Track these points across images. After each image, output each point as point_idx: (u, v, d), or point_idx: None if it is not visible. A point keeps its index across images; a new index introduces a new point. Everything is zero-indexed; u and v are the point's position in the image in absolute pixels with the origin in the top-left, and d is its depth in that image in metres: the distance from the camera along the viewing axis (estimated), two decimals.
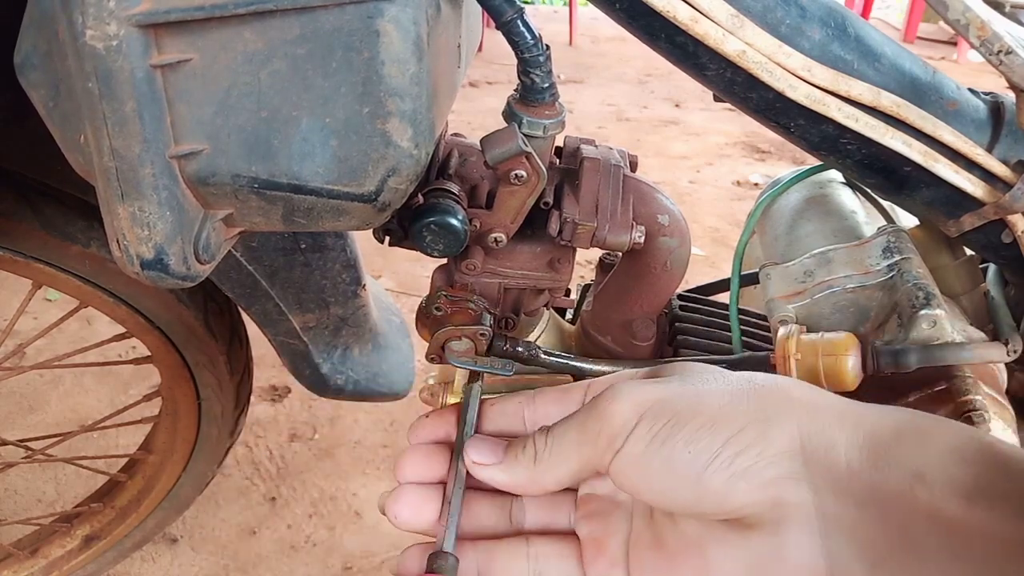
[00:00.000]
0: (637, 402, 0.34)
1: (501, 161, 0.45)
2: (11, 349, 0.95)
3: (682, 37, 0.46)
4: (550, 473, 0.36)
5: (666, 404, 0.34)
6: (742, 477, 0.31)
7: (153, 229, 0.36)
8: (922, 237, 0.61)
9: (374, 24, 0.34)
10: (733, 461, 0.31)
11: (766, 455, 0.31)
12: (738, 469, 0.31)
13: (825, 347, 0.49)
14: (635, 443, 0.33)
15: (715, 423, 0.32)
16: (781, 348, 0.51)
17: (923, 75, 0.51)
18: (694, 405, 0.33)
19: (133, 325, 0.79)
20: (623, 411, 0.34)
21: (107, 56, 0.32)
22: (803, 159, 2.69)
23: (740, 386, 0.34)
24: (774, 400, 0.33)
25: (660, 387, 0.35)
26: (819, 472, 0.31)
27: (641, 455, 0.33)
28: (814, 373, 0.49)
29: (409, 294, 1.84)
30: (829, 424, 0.32)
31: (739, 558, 0.32)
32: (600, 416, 0.34)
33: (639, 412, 0.34)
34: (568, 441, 0.36)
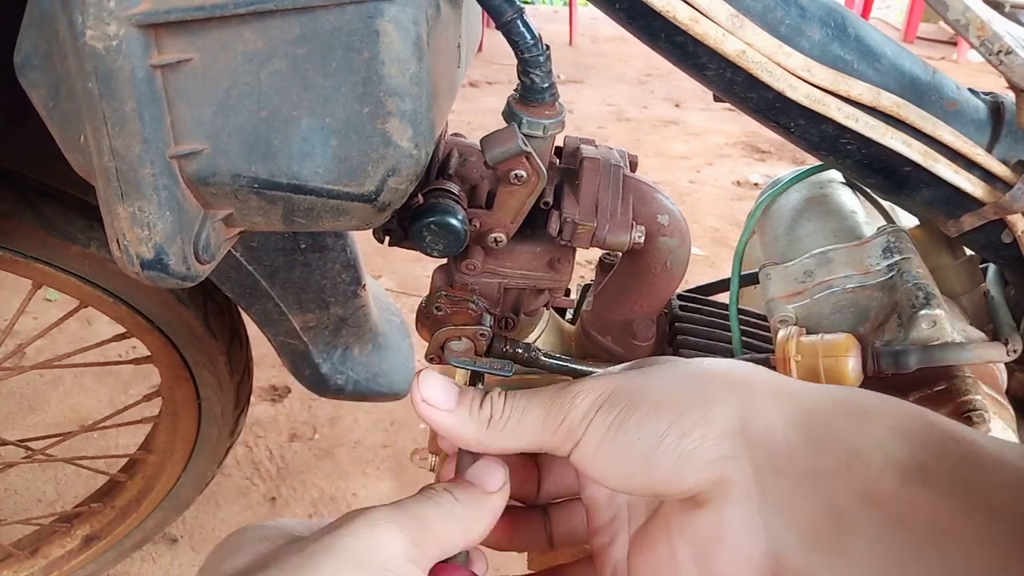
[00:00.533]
0: (596, 394, 0.35)
1: (501, 161, 0.45)
2: (11, 349, 0.95)
3: (682, 37, 0.46)
4: (499, 442, 0.37)
5: (619, 393, 0.35)
6: (688, 459, 0.32)
7: (153, 229, 0.36)
8: (922, 237, 0.61)
9: (374, 24, 0.34)
10: (679, 443, 0.32)
11: (709, 436, 0.32)
12: (684, 451, 0.32)
13: (825, 349, 0.49)
14: (592, 432, 0.34)
15: (659, 408, 0.33)
16: (781, 350, 0.51)
17: (923, 75, 0.51)
18: (642, 392, 0.34)
19: (133, 325, 0.79)
20: (583, 403, 0.35)
21: (107, 56, 0.32)
22: (803, 159, 2.69)
23: (687, 371, 0.35)
24: (716, 383, 0.34)
25: (617, 378, 0.36)
26: (759, 451, 0.32)
27: (598, 444, 0.34)
28: (814, 374, 0.49)
29: (409, 294, 1.84)
30: (768, 404, 0.33)
31: (688, 537, 0.33)
32: (562, 407, 0.35)
33: (598, 403, 0.34)
34: (529, 422, 0.36)
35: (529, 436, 0.36)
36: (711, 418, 0.33)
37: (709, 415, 0.33)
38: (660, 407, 0.33)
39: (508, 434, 0.36)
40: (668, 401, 0.33)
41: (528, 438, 0.36)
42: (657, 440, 0.33)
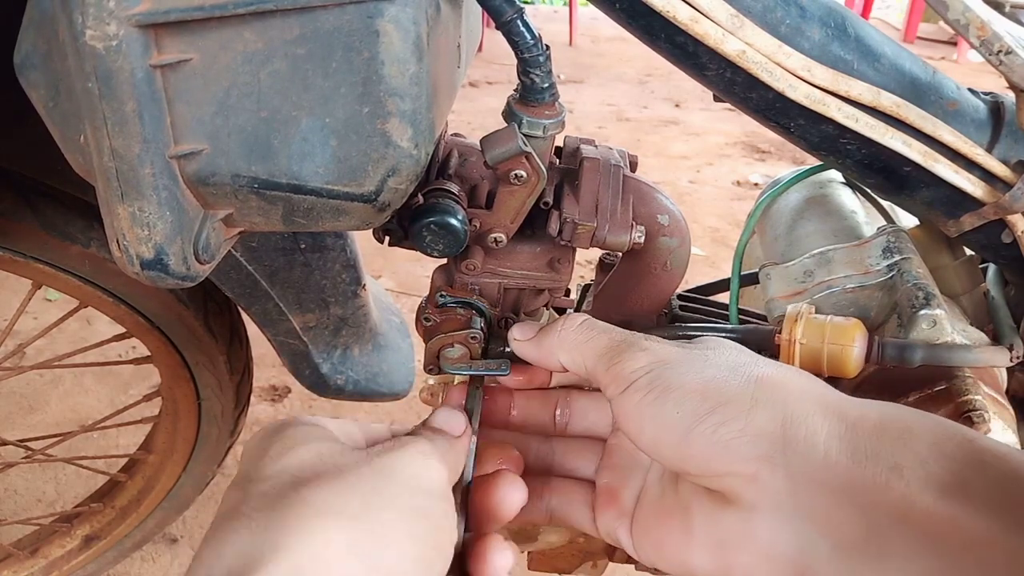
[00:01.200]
0: (653, 357, 0.37)
1: (501, 161, 0.45)
2: (11, 349, 0.95)
3: (682, 37, 0.46)
4: (559, 356, 0.41)
5: (669, 365, 0.36)
6: (723, 447, 0.33)
7: (153, 229, 0.36)
8: (922, 237, 0.61)
9: (374, 24, 0.34)
10: (716, 430, 0.33)
11: (748, 432, 0.32)
12: (720, 439, 0.33)
13: (832, 334, 0.49)
14: (634, 391, 0.36)
15: (705, 392, 0.34)
16: (788, 330, 0.50)
17: (923, 75, 0.51)
18: (693, 371, 0.35)
19: (133, 325, 0.79)
20: (637, 361, 0.37)
21: (107, 56, 0.32)
22: (803, 159, 2.69)
23: (739, 364, 0.36)
24: (766, 383, 0.34)
25: (673, 350, 0.37)
26: (797, 459, 0.32)
27: (637, 404, 0.35)
28: (816, 358, 0.49)
29: (409, 294, 1.84)
30: (813, 413, 0.33)
31: (713, 530, 0.34)
32: (620, 355, 0.37)
33: (651, 366, 0.36)
34: (590, 351, 0.39)
35: (586, 364, 0.39)
36: (753, 416, 0.33)
37: (752, 412, 0.33)
38: (705, 392, 0.34)
39: (571, 355, 0.40)
40: (714, 388, 0.34)
41: (584, 364, 0.39)
42: (694, 421, 0.33)
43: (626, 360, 0.37)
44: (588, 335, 0.40)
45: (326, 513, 0.31)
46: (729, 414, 0.33)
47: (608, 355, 0.38)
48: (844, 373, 0.48)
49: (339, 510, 0.31)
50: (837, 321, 0.50)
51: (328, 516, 0.30)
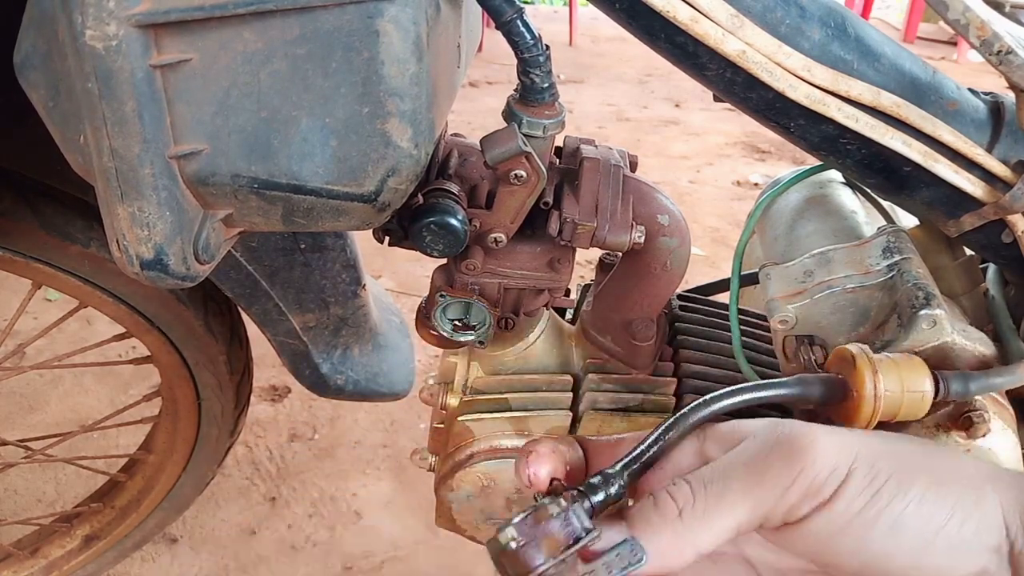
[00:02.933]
0: (842, 447, 0.30)
1: (501, 161, 0.45)
2: (11, 349, 0.95)
3: (682, 37, 0.46)
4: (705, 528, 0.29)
5: (880, 458, 0.30)
6: (966, 547, 0.29)
7: (153, 229, 0.36)
8: (922, 237, 0.61)
9: (374, 24, 0.34)
10: (960, 528, 0.29)
11: (983, 525, 0.29)
12: (963, 537, 0.29)
13: (908, 380, 0.44)
14: (851, 498, 0.29)
15: (942, 484, 0.29)
16: (871, 383, 0.43)
17: (923, 75, 0.51)
18: (916, 461, 0.30)
19: (133, 325, 0.79)
20: (829, 453, 0.29)
21: (107, 56, 0.32)
22: (803, 159, 2.69)
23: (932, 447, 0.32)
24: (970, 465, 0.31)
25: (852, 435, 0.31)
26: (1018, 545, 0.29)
27: (859, 515, 0.29)
28: (894, 407, 0.44)
29: (409, 294, 1.84)
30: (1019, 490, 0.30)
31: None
32: (795, 455, 0.29)
33: (850, 459, 0.29)
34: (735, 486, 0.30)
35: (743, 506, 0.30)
36: (982, 503, 0.30)
37: (980, 500, 0.30)
38: (942, 484, 0.29)
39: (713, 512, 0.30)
40: (947, 478, 0.30)
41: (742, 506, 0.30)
42: (942, 521, 0.29)
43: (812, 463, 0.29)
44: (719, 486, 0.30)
45: None
46: (968, 508, 0.29)
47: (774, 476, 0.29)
48: (916, 417, 0.45)
49: None
50: (902, 362, 0.45)
51: None
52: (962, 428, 0.49)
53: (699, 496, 0.30)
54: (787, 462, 0.30)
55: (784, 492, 0.29)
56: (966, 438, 0.49)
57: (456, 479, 0.59)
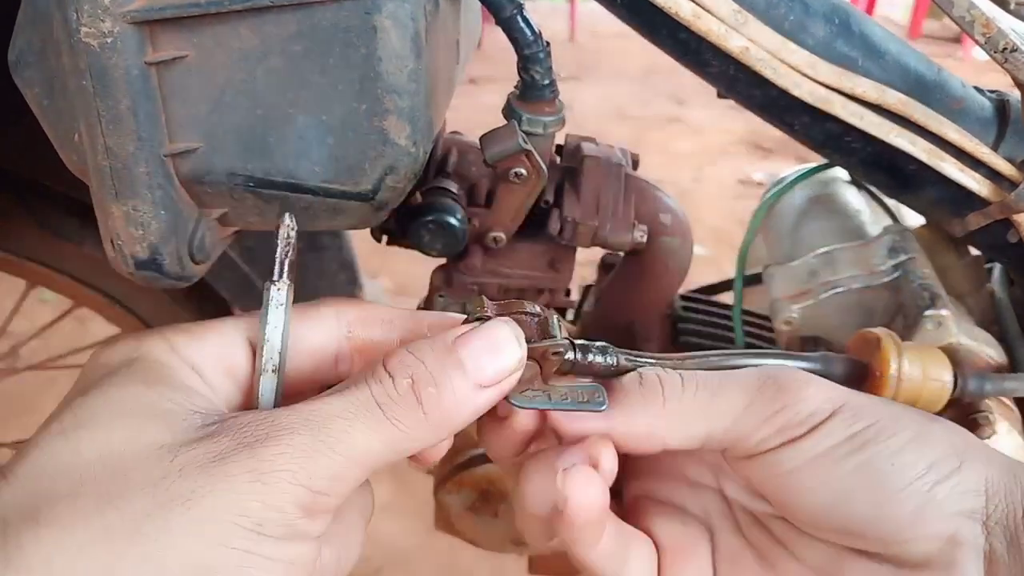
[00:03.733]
0: (829, 395, 0.30)
1: (501, 159, 0.45)
2: (5, 350, 0.95)
3: (684, 33, 0.46)
4: (679, 426, 0.30)
5: (866, 407, 0.30)
6: (936, 505, 0.29)
7: (147, 228, 0.36)
8: (927, 236, 0.60)
9: (371, 20, 0.34)
10: (933, 487, 0.29)
11: (959, 489, 0.29)
12: (935, 496, 0.29)
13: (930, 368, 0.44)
14: (826, 437, 0.29)
15: (923, 442, 0.30)
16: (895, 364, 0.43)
17: (928, 73, 0.50)
18: (897, 416, 0.30)
19: (127, 326, 0.79)
20: (814, 398, 0.30)
21: (102, 53, 0.32)
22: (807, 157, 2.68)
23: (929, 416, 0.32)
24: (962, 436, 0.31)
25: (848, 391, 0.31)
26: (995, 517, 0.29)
27: (831, 450, 0.29)
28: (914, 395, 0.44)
29: (408, 294, 1.84)
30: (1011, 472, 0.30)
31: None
32: (783, 391, 0.30)
33: (834, 406, 0.30)
34: (726, 402, 0.30)
35: (721, 420, 0.30)
36: (963, 470, 0.30)
37: (963, 466, 0.30)
38: (924, 442, 0.30)
39: (692, 415, 0.30)
40: (929, 438, 0.30)
41: (719, 422, 0.30)
42: (914, 475, 0.29)
43: (793, 401, 0.30)
44: (708, 391, 0.31)
45: None
46: (946, 469, 0.29)
47: (759, 405, 0.30)
48: (934, 409, 0.45)
49: None
50: (925, 351, 0.45)
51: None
52: (968, 429, 0.48)
53: (687, 393, 0.31)
54: (774, 396, 0.30)
55: (762, 422, 0.30)
56: None
57: (455, 482, 0.59)
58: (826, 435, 0.30)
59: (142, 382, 0.27)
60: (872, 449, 0.29)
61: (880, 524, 0.29)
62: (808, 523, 0.31)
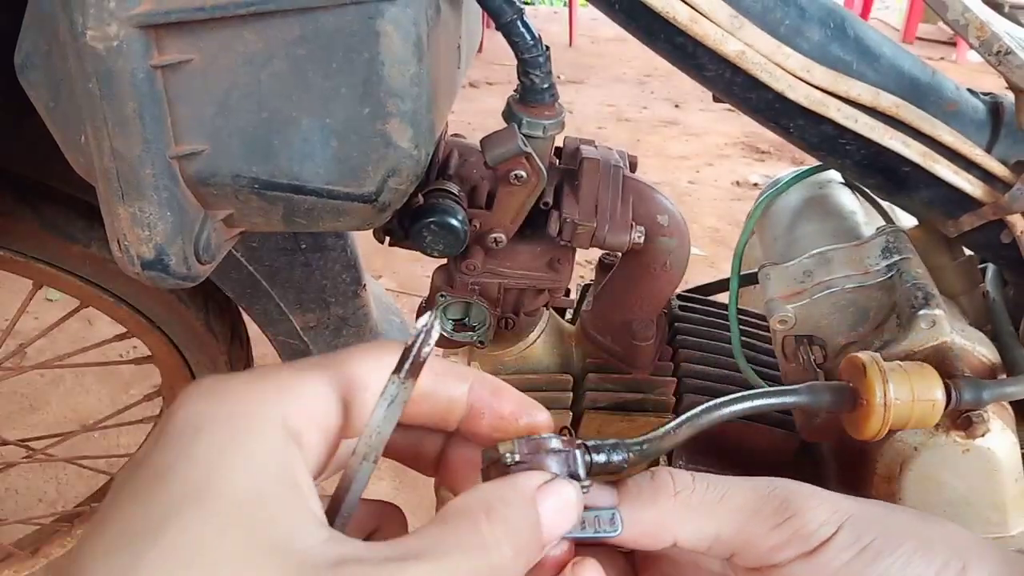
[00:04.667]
0: (836, 507, 0.31)
1: (501, 161, 0.45)
2: (12, 349, 0.95)
3: (681, 38, 0.46)
4: (691, 520, 0.31)
5: (872, 518, 0.31)
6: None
7: (154, 229, 0.36)
8: (921, 237, 0.61)
9: (374, 25, 0.34)
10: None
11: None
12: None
13: (919, 389, 0.44)
14: (837, 551, 0.30)
15: (927, 549, 0.30)
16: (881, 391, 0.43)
17: (922, 76, 0.51)
18: (899, 527, 0.31)
19: (134, 325, 0.79)
20: (821, 510, 0.31)
21: (108, 57, 0.32)
22: (802, 159, 2.69)
23: (923, 515, 0.33)
24: (960, 536, 0.32)
25: (851, 500, 0.32)
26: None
27: (842, 567, 0.30)
28: (904, 417, 0.44)
29: (409, 294, 1.84)
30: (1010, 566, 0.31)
31: None
32: (789, 502, 0.31)
33: (840, 519, 0.31)
34: (735, 504, 0.31)
35: (731, 521, 0.31)
36: (969, 570, 0.30)
37: (967, 567, 0.30)
38: (930, 548, 0.30)
39: (702, 511, 0.31)
40: (935, 543, 0.30)
41: (729, 523, 0.31)
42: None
43: (801, 510, 0.30)
44: (718, 491, 0.31)
45: None
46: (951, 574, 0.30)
47: (768, 512, 0.31)
48: (927, 426, 0.46)
49: None
50: (913, 371, 0.45)
51: None
52: (961, 428, 0.49)
53: (698, 490, 0.31)
54: (781, 505, 0.31)
55: (771, 529, 0.30)
56: (965, 438, 0.49)
57: None
58: (839, 549, 0.30)
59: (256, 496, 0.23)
60: (884, 562, 0.30)
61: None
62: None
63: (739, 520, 0.31)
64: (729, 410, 0.38)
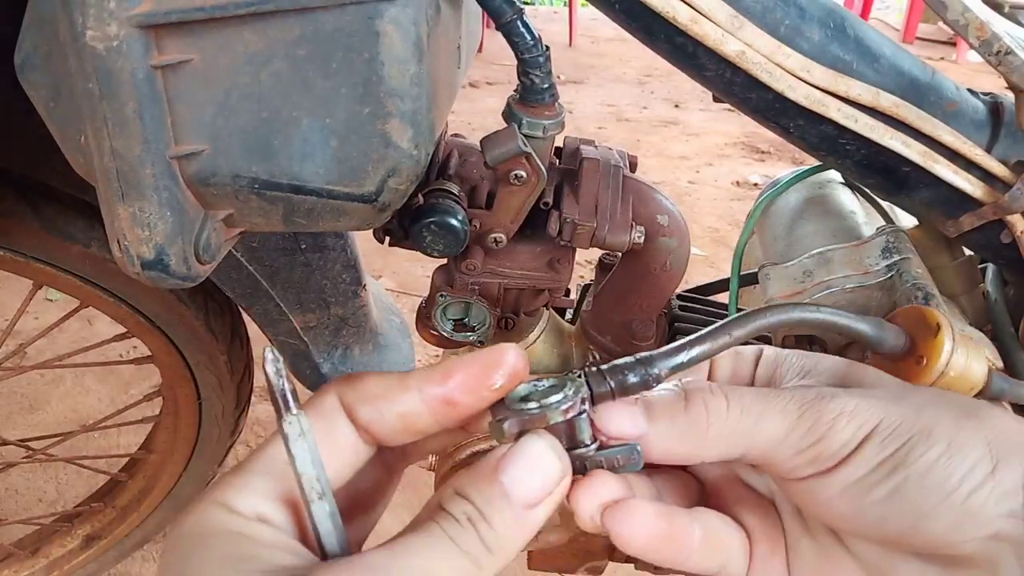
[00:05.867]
0: (864, 419, 0.30)
1: (501, 161, 0.45)
2: (12, 349, 0.95)
3: (681, 38, 0.46)
4: (719, 447, 0.31)
5: (902, 424, 0.30)
6: (973, 516, 0.29)
7: (154, 229, 0.36)
8: (921, 237, 0.61)
9: (374, 25, 0.34)
10: (968, 498, 0.29)
11: (996, 493, 0.29)
12: (970, 508, 0.29)
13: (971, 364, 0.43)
14: (858, 466, 0.30)
15: (955, 451, 0.29)
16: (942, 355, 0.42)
17: (922, 75, 0.51)
18: (929, 428, 0.30)
19: (134, 325, 0.79)
20: (847, 428, 0.30)
21: (108, 57, 0.32)
22: (802, 159, 2.69)
23: (959, 408, 0.31)
24: (996, 429, 0.31)
25: (884, 404, 0.31)
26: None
27: (861, 480, 0.30)
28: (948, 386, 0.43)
29: (409, 294, 1.84)
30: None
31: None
32: (816, 424, 0.30)
33: (865, 431, 0.30)
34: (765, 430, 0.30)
35: (759, 446, 0.31)
36: (999, 470, 0.29)
37: (998, 467, 0.29)
38: (952, 454, 0.29)
39: (733, 439, 0.31)
40: (959, 447, 0.29)
41: (757, 448, 0.31)
42: (946, 491, 0.29)
43: (827, 432, 0.30)
44: (752, 417, 0.31)
45: None
46: (979, 477, 0.29)
47: (796, 437, 0.30)
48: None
49: None
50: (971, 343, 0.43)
51: None
52: None
53: (731, 419, 0.31)
54: (811, 428, 0.30)
55: (795, 453, 0.30)
56: None
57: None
58: (856, 466, 0.30)
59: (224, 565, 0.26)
60: (902, 473, 0.29)
61: (919, 539, 0.30)
62: (850, 536, 0.32)
63: (766, 444, 0.31)
64: (790, 316, 0.36)
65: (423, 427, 0.30)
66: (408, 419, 0.30)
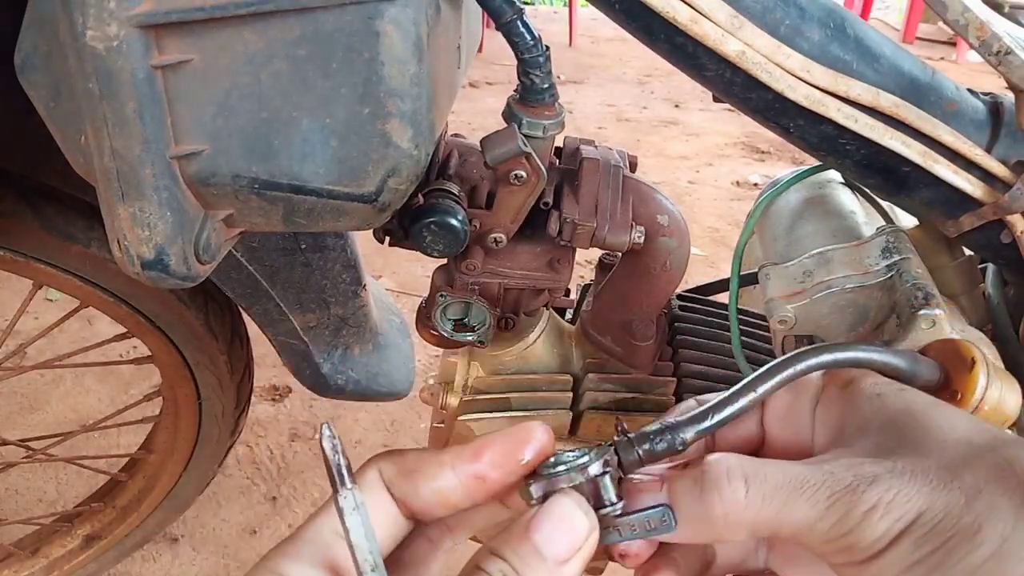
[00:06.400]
0: (901, 512, 0.28)
1: (501, 162, 0.45)
2: (12, 349, 0.95)
3: (681, 38, 0.46)
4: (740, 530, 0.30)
5: (939, 520, 0.28)
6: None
7: (154, 230, 0.36)
8: (921, 237, 0.61)
9: (374, 25, 0.34)
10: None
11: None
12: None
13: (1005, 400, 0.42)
14: (891, 564, 0.28)
15: (1002, 558, 0.27)
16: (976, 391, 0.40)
17: (922, 76, 0.51)
18: (977, 525, 0.27)
19: (134, 325, 0.79)
20: (883, 521, 0.28)
21: (108, 57, 0.32)
22: (802, 159, 2.69)
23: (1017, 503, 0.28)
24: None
25: (928, 491, 0.29)
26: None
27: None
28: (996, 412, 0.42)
29: (409, 294, 1.84)
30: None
31: None
32: (849, 515, 0.28)
33: (902, 525, 0.28)
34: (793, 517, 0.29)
35: (786, 531, 0.29)
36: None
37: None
38: (1004, 556, 0.27)
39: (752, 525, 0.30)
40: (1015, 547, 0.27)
41: (784, 532, 0.29)
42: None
43: (861, 524, 0.28)
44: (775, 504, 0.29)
45: None
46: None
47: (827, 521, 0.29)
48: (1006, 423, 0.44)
49: None
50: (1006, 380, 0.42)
51: None
52: None
53: (751, 507, 0.30)
54: (843, 519, 0.29)
55: (824, 543, 0.29)
56: None
57: None
58: (889, 564, 0.28)
59: None
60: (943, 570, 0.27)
61: None
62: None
63: (792, 531, 0.29)
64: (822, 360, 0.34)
65: (456, 501, 0.32)
66: (442, 494, 0.32)
